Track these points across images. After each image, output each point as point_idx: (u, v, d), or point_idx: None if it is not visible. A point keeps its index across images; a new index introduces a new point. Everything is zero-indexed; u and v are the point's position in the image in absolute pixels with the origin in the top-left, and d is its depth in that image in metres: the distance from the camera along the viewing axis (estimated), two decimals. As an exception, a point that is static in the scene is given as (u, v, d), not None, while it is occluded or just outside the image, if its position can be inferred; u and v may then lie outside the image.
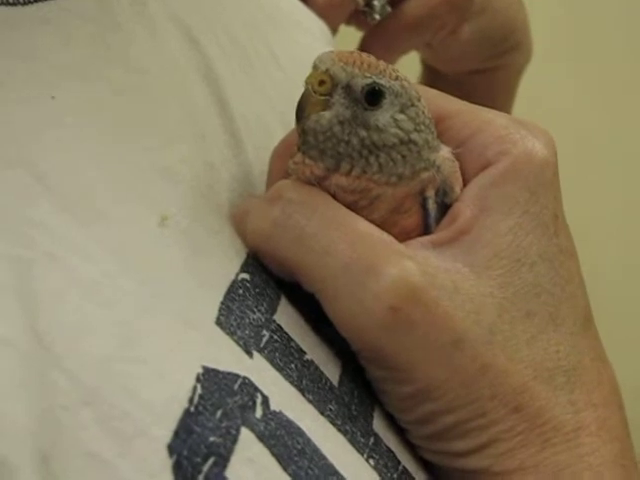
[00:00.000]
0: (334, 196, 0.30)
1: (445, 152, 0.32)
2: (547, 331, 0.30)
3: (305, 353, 0.30)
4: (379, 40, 0.52)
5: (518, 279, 0.30)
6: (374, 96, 0.30)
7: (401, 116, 0.30)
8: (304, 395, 0.28)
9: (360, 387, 0.31)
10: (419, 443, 0.31)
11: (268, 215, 0.30)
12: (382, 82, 0.30)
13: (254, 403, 0.25)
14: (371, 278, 0.28)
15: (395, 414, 0.31)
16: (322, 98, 0.30)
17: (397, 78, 0.30)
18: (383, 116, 0.30)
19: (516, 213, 0.31)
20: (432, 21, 0.51)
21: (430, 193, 0.31)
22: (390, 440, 0.31)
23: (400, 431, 0.31)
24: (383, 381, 0.30)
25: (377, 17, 0.52)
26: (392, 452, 0.30)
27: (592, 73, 1.05)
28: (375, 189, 0.30)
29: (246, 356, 0.27)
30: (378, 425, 0.31)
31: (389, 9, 0.51)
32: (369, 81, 0.30)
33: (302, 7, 0.47)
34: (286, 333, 0.29)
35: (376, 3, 0.51)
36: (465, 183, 0.32)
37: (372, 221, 0.30)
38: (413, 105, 0.31)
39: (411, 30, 0.51)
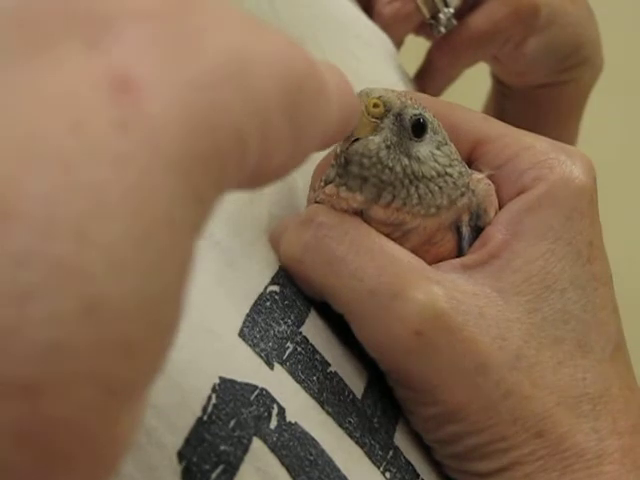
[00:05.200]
0: None
1: (480, 175, 0.32)
2: (574, 358, 0.30)
3: (329, 365, 0.30)
4: (445, 52, 0.53)
5: (547, 305, 0.30)
6: (419, 128, 0.30)
7: (438, 152, 0.31)
8: (323, 407, 0.29)
9: (385, 400, 0.32)
10: (443, 461, 0.32)
11: (300, 239, 0.31)
12: (426, 115, 0.31)
13: (269, 414, 0.25)
14: (397, 303, 0.29)
15: (420, 433, 0.32)
16: (373, 121, 0.30)
17: (434, 117, 0.31)
18: (424, 149, 0.30)
19: (549, 239, 0.31)
20: (497, 35, 0.51)
21: (464, 217, 0.32)
22: (411, 454, 0.31)
23: (423, 445, 0.32)
24: (408, 401, 0.31)
25: (443, 30, 0.52)
26: (412, 465, 0.31)
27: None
28: (410, 223, 0.30)
29: (267, 368, 0.27)
30: (400, 438, 0.31)
31: (455, 22, 0.52)
32: (417, 112, 0.30)
33: (365, 20, 0.48)
34: (311, 345, 0.30)
35: (442, 16, 0.51)
36: (501, 207, 0.32)
37: None
38: (447, 144, 0.31)
39: (476, 43, 0.52)
